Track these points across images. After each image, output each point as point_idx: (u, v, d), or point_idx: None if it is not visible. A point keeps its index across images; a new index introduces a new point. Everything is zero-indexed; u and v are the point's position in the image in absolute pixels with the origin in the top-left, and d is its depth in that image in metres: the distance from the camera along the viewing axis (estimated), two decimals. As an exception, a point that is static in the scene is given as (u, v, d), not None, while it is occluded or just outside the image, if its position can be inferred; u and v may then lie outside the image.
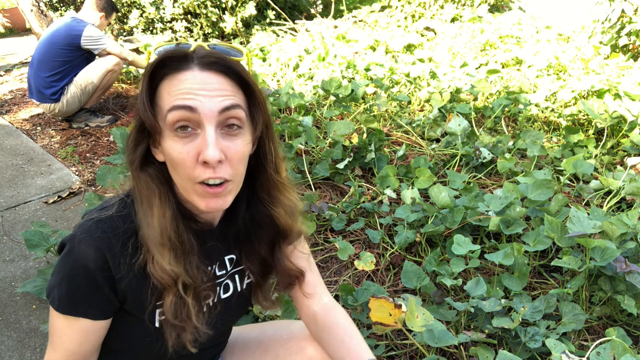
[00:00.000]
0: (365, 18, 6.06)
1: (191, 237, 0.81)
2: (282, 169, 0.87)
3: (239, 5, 5.48)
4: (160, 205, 0.77)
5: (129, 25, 5.54)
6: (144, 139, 0.77)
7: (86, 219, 0.79)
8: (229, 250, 0.93)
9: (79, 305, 0.78)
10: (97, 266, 0.76)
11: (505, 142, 2.84)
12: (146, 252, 0.77)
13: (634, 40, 4.44)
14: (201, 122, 0.71)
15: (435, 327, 1.39)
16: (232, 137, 0.74)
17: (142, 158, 0.78)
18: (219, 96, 0.72)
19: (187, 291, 0.80)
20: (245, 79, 0.76)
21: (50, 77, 3.40)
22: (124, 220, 0.78)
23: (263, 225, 0.90)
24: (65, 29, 3.37)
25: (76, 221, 2.43)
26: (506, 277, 1.74)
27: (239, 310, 1.01)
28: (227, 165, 0.74)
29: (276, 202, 0.88)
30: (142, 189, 0.78)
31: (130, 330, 0.86)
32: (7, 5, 9.16)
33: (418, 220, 2.15)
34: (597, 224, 1.77)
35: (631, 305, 1.54)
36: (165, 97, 0.73)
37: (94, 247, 0.75)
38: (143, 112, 0.73)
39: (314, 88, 3.82)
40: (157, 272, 0.76)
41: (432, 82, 3.79)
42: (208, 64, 0.73)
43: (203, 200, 0.75)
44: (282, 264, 0.95)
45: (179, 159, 0.72)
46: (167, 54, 0.73)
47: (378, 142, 2.77)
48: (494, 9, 6.33)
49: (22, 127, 3.75)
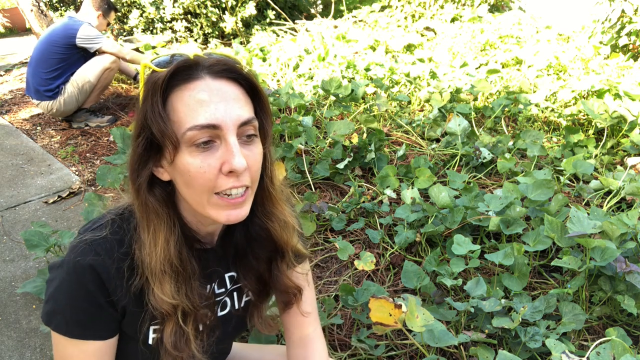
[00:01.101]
0: (365, 18, 6.06)
1: (193, 261, 0.80)
2: (276, 179, 0.86)
3: (239, 5, 5.48)
4: (164, 231, 0.75)
5: (129, 25, 5.54)
6: (150, 158, 0.74)
7: (79, 241, 0.77)
8: (228, 268, 0.92)
9: (87, 328, 0.77)
10: (97, 287, 0.75)
11: (505, 142, 2.84)
12: (144, 281, 0.76)
13: (634, 40, 4.44)
14: (222, 135, 0.70)
15: (435, 327, 1.39)
16: (249, 145, 0.74)
17: (148, 179, 0.75)
18: (236, 107, 0.71)
19: (187, 319, 0.79)
20: (255, 86, 0.76)
21: (47, 75, 3.40)
22: (119, 243, 0.77)
23: (259, 239, 0.89)
24: (63, 28, 3.38)
25: (76, 221, 2.44)
26: (506, 277, 1.74)
27: (235, 329, 1.00)
28: (247, 173, 0.74)
29: (270, 215, 0.87)
30: (151, 216, 0.75)
31: (125, 347, 0.85)
32: (7, 5, 9.16)
33: (418, 220, 2.15)
34: (597, 224, 1.77)
35: (631, 305, 1.54)
36: (181, 109, 0.70)
37: (90, 269, 0.74)
38: (160, 126, 0.69)
39: (314, 88, 3.82)
40: (157, 302, 0.75)
41: (432, 82, 3.79)
42: (219, 72, 0.72)
43: (222, 212, 0.74)
44: (279, 281, 0.93)
45: (199, 174, 0.70)
46: (178, 65, 0.70)
47: (378, 142, 2.77)
48: (494, 9, 6.33)
49: (22, 127, 3.75)
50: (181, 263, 0.77)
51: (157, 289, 0.75)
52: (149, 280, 0.75)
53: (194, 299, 0.79)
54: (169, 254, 0.75)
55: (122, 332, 0.83)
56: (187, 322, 0.79)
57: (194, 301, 0.79)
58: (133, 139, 0.74)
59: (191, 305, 0.78)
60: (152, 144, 0.72)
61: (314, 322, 1.03)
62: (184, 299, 0.77)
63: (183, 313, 0.78)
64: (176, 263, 0.76)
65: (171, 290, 0.76)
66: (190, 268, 0.79)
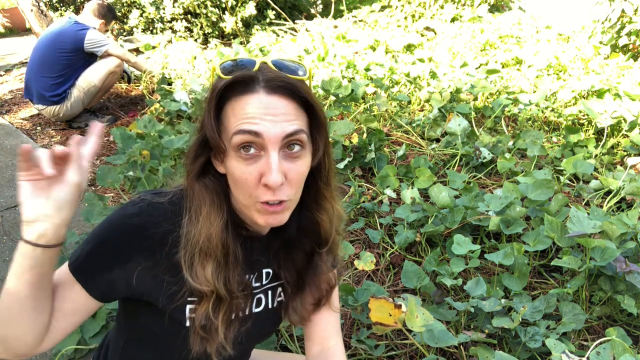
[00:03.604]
0: (365, 18, 6.06)
1: (238, 248, 0.82)
2: (332, 181, 0.88)
3: (239, 5, 5.48)
4: (211, 215, 0.78)
5: (129, 25, 5.54)
6: (204, 152, 0.79)
7: (139, 199, 0.81)
8: (268, 264, 0.93)
9: (94, 276, 0.78)
10: (134, 244, 0.77)
11: (505, 142, 2.84)
12: (187, 257, 0.78)
13: (634, 40, 4.44)
14: (265, 146, 0.72)
15: (435, 327, 1.39)
16: (294, 158, 0.75)
17: (200, 168, 0.80)
18: (283, 121, 0.73)
19: (221, 305, 0.81)
20: (309, 102, 0.77)
21: (53, 80, 3.40)
22: (173, 213, 0.80)
23: (307, 231, 0.91)
24: (70, 33, 3.37)
25: (76, 221, 2.44)
26: (506, 277, 1.74)
27: (267, 328, 1.01)
28: (286, 186, 0.75)
29: (322, 209, 0.89)
30: (194, 198, 0.80)
31: (159, 326, 0.85)
32: (7, 5, 9.16)
33: (418, 220, 2.15)
34: (597, 224, 1.77)
35: (631, 305, 1.54)
36: (231, 118, 0.74)
37: (137, 225, 0.77)
38: (210, 132, 0.75)
39: (314, 88, 3.82)
40: (196, 279, 0.78)
41: (432, 82, 3.79)
42: (274, 88, 0.73)
43: (262, 216, 0.77)
44: (320, 271, 0.94)
45: (241, 179, 0.74)
46: (236, 78, 0.74)
47: (378, 142, 2.77)
48: (494, 9, 6.33)
49: (22, 127, 3.76)
50: (224, 248, 0.79)
51: (198, 270, 0.77)
52: (193, 258, 0.78)
53: (232, 287, 0.81)
54: (212, 238, 0.77)
55: (154, 308, 0.82)
56: (220, 307, 0.80)
57: (231, 288, 0.81)
58: (195, 131, 0.80)
59: (227, 292, 0.80)
60: (206, 143, 0.78)
61: (336, 334, 1.03)
62: (221, 285, 0.79)
63: (218, 298, 0.80)
64: (220, 248, 0.78)
65: (212, 273, 0.78)
66: (234, 254, 0.81)
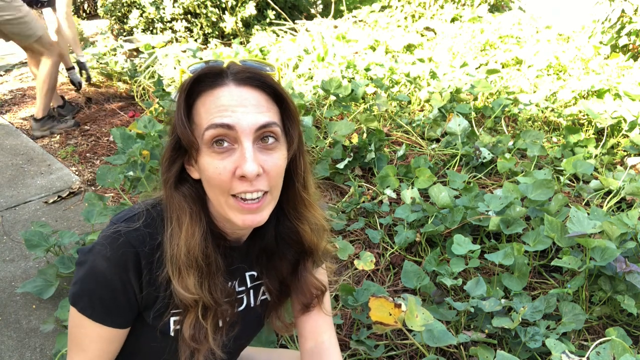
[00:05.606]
0: (365, 18, 6.06)
1: (218, 257, 0.81)
2: (310, 185, 0.87)
3: (239, 5, 5.48)
4: (190, 226, 0.78)
5: (129, 25, 5.54)
6: (179, 157, 0.79)
7: (113, 230, 0.79)
8: (251, 267, 0.93)
9: (111, 314, 0.79)
10: (127, 278, 0.77)
11: (505, 142, 2.84)
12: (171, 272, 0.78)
13: (634, 40, 4.44)
14: (238, 138, 0.72)
15: (435, 327, 1.39)
16: (269, 150, 0.75)
17: (176, 176, 0.79)
18: (256, 112, 0.73)
19: (208, 313, 0.81)
20: (280, 94, 0.77)
21: None
22: (151, 235, 0.79)
23: (288, 241, 0.90)
24: None
25: (76, 221, 2.44)
26: (506, 277, 1.74)
27: (252, 327, 1.00)
28: (264, 178, 0.74)
29: (302, 218, 0.88)
30: (175, 208, 0.79)
31: (146, 338, 0.86)
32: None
33: (418, 220, 2.15)
34: (597, 224, 1.77)
35: (631, 305, 1.54)
36: (203, 114, 0.74)
37: (123, 259, 0.77)
38: (181, 129, 0.74)
39: (314, 88, 3.82)
40: (181, 292, 0.77)
41: (432, 82, 3.79)
42: (243, 80, 0.74)
43: (239, 215, 0.76)
44: (305, 281, 0.93)
45: (215, 175, 0.73)
46: (203, 71, 0.74)
47: (378, 142, 2.77)
48: (494, 9, 6.33)
49: (22, 127, 3.75)
50: (206, 258, 0.79)
51: (181, 282, 0.77)
52: (173, 272, 0.77)
53: (217, 295, 0.81)
54: (194, 248, 0.77)
55: (143, 322, 0.84)
56: (207, 316, 0.81)
57: (216, 296, 0.81)
58: (168, 137, 0.79)
59: (213, 301, 0.80)
60: (180, 145, 0.77)
61: (328, 329, 1.02)
62: (206, 294, 0.79)
63: (204, 307, 0.80)
64: (200, 257, 0.78)
65: (194, 284, 0.77)
66: (215, 264, 0.81)
